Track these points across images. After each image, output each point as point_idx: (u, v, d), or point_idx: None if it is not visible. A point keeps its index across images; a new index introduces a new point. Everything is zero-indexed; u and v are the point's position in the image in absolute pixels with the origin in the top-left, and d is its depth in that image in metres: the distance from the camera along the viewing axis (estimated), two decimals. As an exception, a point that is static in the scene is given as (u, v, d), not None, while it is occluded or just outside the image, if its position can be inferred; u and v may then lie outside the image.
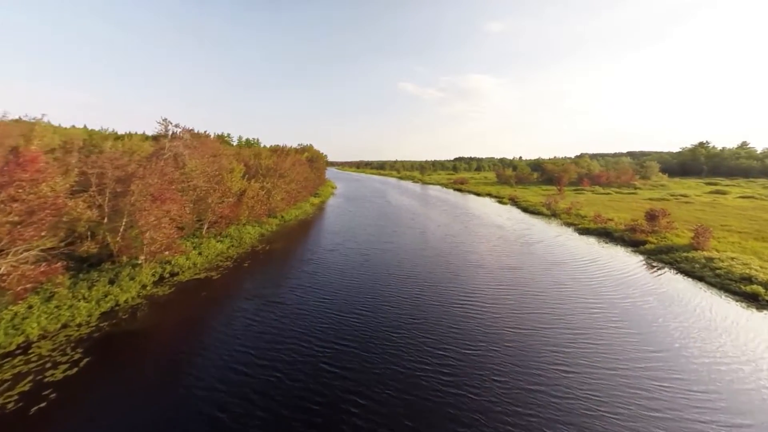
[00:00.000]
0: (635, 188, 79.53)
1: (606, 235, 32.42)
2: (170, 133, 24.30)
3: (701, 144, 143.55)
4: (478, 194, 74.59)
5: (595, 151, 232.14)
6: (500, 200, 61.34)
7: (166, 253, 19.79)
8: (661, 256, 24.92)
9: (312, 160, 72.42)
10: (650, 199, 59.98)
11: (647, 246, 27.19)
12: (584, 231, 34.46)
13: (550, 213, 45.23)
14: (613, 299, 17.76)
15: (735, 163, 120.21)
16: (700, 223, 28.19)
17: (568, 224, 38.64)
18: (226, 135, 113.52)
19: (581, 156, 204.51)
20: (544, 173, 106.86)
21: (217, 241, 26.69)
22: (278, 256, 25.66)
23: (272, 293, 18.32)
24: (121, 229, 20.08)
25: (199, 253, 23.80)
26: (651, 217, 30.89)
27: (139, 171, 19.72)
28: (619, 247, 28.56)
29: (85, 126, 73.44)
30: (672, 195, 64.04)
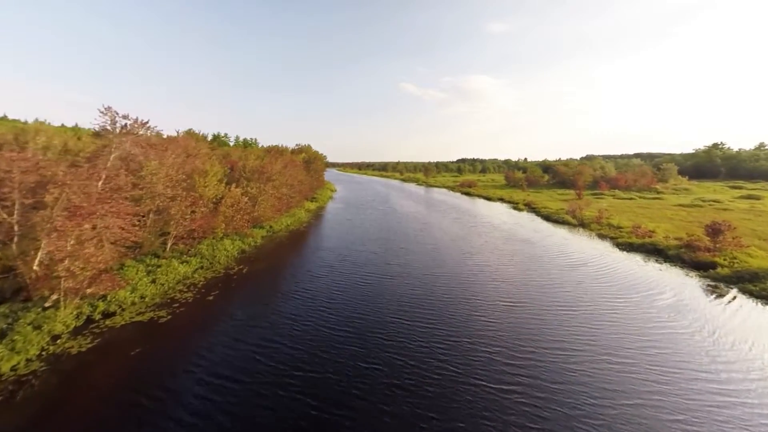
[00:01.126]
0: (657, 192, 73.91)
1: (656, 252, 26.90)
2: (118, 126, 19.05)
3: (715, 145, 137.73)
4: (488, 199, 69.09)
5: (600, 153, 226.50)
6: (515, 206, 55.86)
7: (91, 290, 14.43)
8: (745, 285, 19.42)
9: (309, 162, 67.19)
10: (680, 205, 54.42)
11: (719, 270, 21.68)
12: (627, 247, 28.93)
13: (578, 222, 39.73)
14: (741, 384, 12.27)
15: (754, 165, 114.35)
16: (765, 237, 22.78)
17: (603, 237, 33.15)
18: (222, 135, 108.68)
19: (587, 157, 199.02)
20: (555, 176, 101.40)
21: (182, 262, 21.35)
22: (255, 283, 20.29)
23: (233, 355, 12.89)
24: (39, 255, 14.80)
25: (153, 281, 18.47)
26: (714, 231, 25.37)
27: (59, 176, 14.44)
28: (680, 270, 23.06)
29: (76, 125, 68.73)
30: (702, 200, 58.38)
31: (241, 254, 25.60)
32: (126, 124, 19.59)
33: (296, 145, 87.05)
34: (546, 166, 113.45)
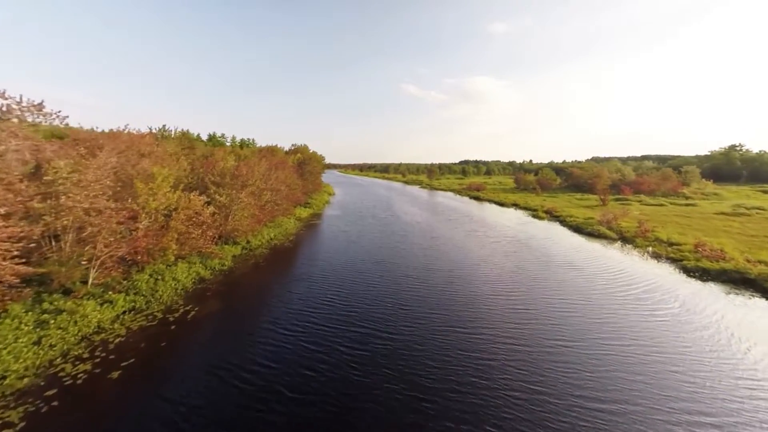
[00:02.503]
0: (686, 198, 67.39)
1: (745, 283, 20.46)
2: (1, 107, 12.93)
3: (733, 147, 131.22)
4: (501, 204, 62.62)
5: (606, 155, 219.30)
6: (534, 213, 49.42)
7: None
8: None
9: (304, 163, 60.99)
10: (723, 213, 47.85)
11: None
12: (700, 273, 22.46)
13: (617, 236, 33.28)
14: None
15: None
16: None
17: (659, 256, 26.74)
18: (220, 135, 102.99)
19: (594, 159, 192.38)
20: (569, 179, 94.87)
21: (103, 303, 15.07)
22: (201, 340, 13.89)
23: None
24: None
25: (38, 341, 12.20)
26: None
27: None
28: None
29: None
30: (745, 207, 51.81)
31: (197, 284, 19.27)
32: (12, 108, 13.33)
33: (292, 145, 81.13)
34: (557, 169, 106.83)
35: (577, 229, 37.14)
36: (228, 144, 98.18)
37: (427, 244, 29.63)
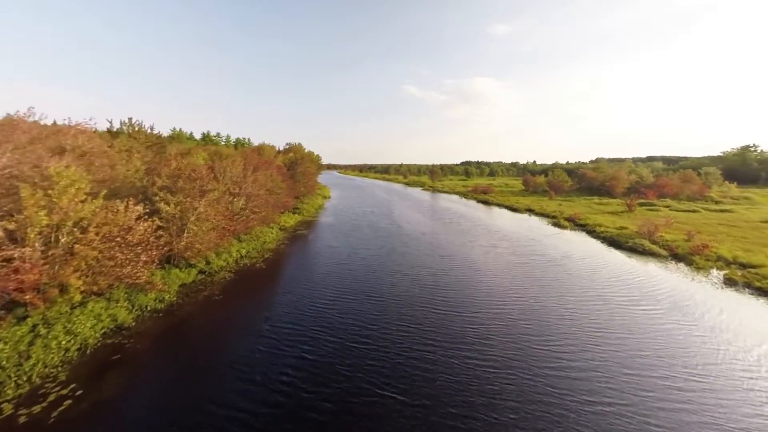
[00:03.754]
0: (715, 202, 61.36)
1: None
2: None
3: (746, 147, 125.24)
4: (514, 210, 56.57)
5: (609, 156, 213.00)
6: (554, 221, 43.44)
7: None
8: None
9: (295, 163, 55.12)
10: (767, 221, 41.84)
11: None
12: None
13: (667, 253, 27.27)
14: None
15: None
16: None
17: (732, 283, 20.82)
18: (215, 135, 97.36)
19: (596, 160, 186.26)
20: (581, 180, 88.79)
21: None
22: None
23: None
24: None
25: None
26: None
27: None
28: None
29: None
30: (790, 214, 45.77)
31: (109, 337, 13.34)
32: None
33: (286, 144, 75.46)
34: (569, 170, 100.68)
35: (614, 243, 31.12)
36: (222, 143, 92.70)
37: (437, 267, 23.59)
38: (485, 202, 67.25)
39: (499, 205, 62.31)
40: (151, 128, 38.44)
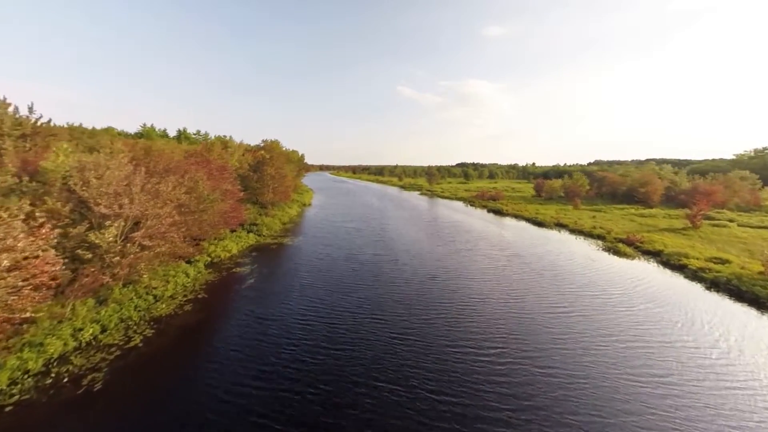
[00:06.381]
0: (776, 214, 50.62)
1: None
2: None
3: (764, 149, 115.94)
4: (538, 224, 44.81)
5: (607, 158, 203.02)
6: (605, 244, 31.91)
7: None
8: None
9: (262, 164, 42.90)
10: None
11: None
12: None
13: None
14: None
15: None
16: None
17: None
18: (195, 133, 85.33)
19: (596, 162, 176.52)
20: (602, 185, 77.75)
21: None
22: None
23: None
24: None
25: None
26: None
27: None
28: None
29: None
30: None
31: None
32: None
33: (262, 141, 63.06)
34: (586, 173, 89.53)
35: (733, 293, 19.56)
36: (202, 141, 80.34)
37: (460, 337, 11.61)
38: (497, 212, 55.56)
39: (516, 216, 50.73)
40: (30, 110, 26.17)
